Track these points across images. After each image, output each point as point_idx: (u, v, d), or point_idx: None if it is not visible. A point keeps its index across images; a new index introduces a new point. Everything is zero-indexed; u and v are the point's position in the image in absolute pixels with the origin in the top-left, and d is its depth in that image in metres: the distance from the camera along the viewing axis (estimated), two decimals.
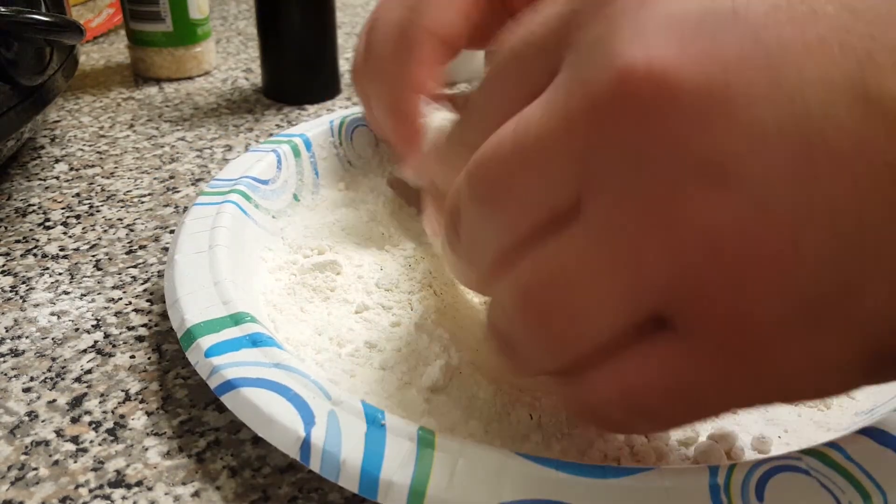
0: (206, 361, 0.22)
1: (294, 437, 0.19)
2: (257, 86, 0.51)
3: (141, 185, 0.38)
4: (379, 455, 0.19)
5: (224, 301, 0.24)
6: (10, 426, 0.23)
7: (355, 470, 0.19)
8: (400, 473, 0.18)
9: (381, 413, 0.20)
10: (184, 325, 0.23)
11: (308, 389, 0.21)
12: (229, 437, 0.23)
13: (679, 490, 0.18)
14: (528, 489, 0.18)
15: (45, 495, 0.21)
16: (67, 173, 0.39)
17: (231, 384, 0.21)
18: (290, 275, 0.29)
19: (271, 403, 0.20)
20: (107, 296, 0.29)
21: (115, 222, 0.35)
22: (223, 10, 0.71)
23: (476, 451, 0.19)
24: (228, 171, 0.32)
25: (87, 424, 0.23)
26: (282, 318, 0.26)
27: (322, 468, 0.19)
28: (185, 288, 0.25)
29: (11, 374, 0.25)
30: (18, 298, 0.29)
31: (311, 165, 0.35)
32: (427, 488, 0.18)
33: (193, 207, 0.29)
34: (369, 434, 0.19)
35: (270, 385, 0.21)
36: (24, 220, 0.35)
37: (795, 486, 0.18)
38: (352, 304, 0.27)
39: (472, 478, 0.18)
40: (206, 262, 0.26)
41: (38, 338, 0.27)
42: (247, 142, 0.43)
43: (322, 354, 0.25)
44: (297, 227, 0.32)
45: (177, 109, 0.47)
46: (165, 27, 0.50)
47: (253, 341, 0.23)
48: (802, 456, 0.18)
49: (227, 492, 0.21)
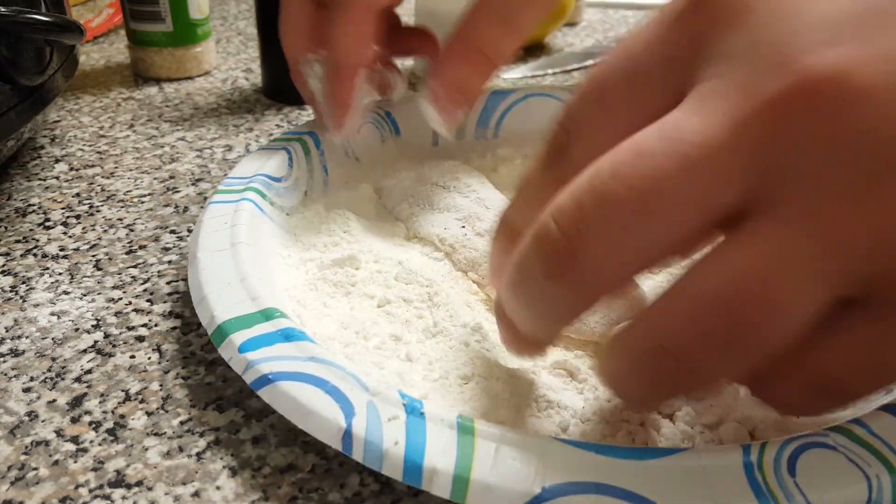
0: (240, 357, 0.22)
1: (336, 429, 0.20)
2: (257, 86, 0.51)
3: (141, 185, 0.38)
4: (421, 443, 0.19)
5: (252, 297, 0.24)
6: (10, 426, 0.23)
7: (398, 458, 0.19)
8: (443, 460, 0.19)
9: (419, 402, 0.20)
10: (214, 322, 0.24)
11: (345, 381, 0.21)
12: (229, 437, 0.23)
13: (716, 468, 0.18)
14: (570, 472, 0.18)
15: (45, 495, 0.21)
16: (67, 173, 0.39)
17: (268, 378, 0.21)
18: (310, 271, 0.29)
19: (310, 396, 0.21)
20: (107, 296, 0.29)
21: (115, 222, 0.35)
22: (223, 10, 0.71)
23: (516, 437, 0.19)
24: (241, 169, 0.32)
25: (87, 424, 0.23)
26: (307, 314, 0.27)
27: (365, 457, 0.20)
28: (210, 285, 0.25)
29: (11, 374, 0.25)
30: (18, 298, 0.29)
31: (320, 163, 0.35)
32: (471, 474, 0.19)
33: (210, 206, 0.30)
34: (409, 423, 0.20)
35: (308, 378, 0.21)
36: (24, 220, 0.35)
37: (824, 461, 0.19)
38: (373, 299, 0.28)
39: (515, 463, 0.19)
40: (229, 259, 0.26)
41: (38, 338, 0.27)
42: (247, 142, 0.43)
43: (350, 348, 0.25)
44: (311, 224, 0.32)
45: (177, 109, 0.47)
46: (165, 27, 0.50)
47: (285, 336, 0.23)
48: (829, 433, 0.19)
49: (226, 492, 0.21)
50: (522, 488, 0.18)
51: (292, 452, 0.22)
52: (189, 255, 0.27)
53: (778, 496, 0.18)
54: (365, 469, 0.22)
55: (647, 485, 0.18)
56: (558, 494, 0.18)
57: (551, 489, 0.18)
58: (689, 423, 0.22)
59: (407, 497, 0.21)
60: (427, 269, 0.29)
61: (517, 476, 0.19)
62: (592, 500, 0.18)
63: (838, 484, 0.18)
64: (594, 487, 0.18)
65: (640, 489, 0.18)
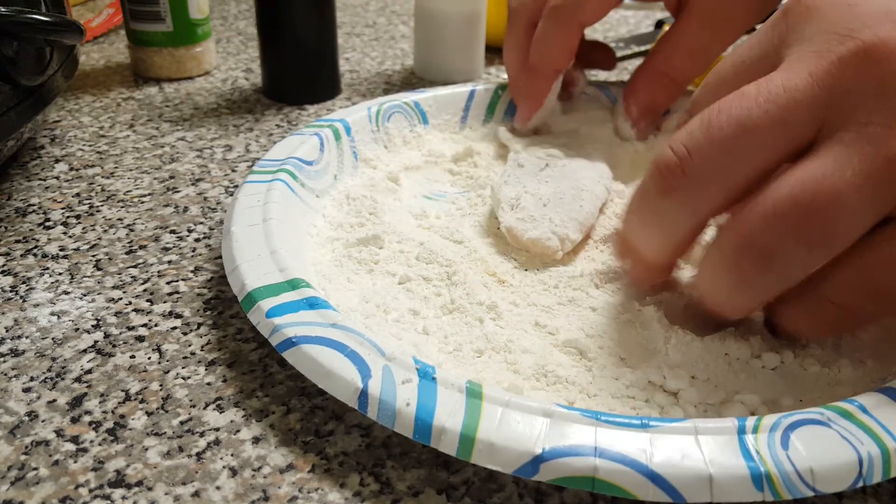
0: (267, 321, 0.24)
1: (353, 388, 0.21)
2: (257, 86, 0.51)
3: (141, 184, 0.38)
4: (431, 404, 0.21)
5: (281, 269, 0.26)
6: (10, 426, 0.23)
7: (410, 417, 0.20)
8: (451, 420, 0.20)
9: (431, 368, 0.22)
10: (244, 290, 0.25)
11: (363, 347, 0.23)
12: (229, 437, 0.23)
13: (709, 438, 0.19)
14: (571, 437, 0.20)
15: (45, 495, 0.21)
16: (67, 173, 0.39)
17: (292, 341, 0.23)
18: (336, 249, 0.31)
19: (330, 358, 0.22)
20: (107, 296, 0.29)
21: (115, 222, 0.35)
22: (223, 9, 0.71)
23: (520, 401, 0.21)
24: (275, 153, 0.34)
25: (87, 424, 0.23)
26: (331, 287, 0.28)
27: (379, 416, 0.21)
28: (243, 256, 0.27)
29: (11, 374, 0.25)
30: (18, 298, 0.29)
31: (350, 149, 0.37)
32: (476, 433, 0.20)
33: (245, 185, 0.31)
34: (422, 386, 0.21)
35: (329, 342, 0.23)
36: (24, 220, 0.35)
37: (818, 436, 0.19)
38: (395, 276, 0.29)
39: (519, 425, 0.20)
40: (260, 233, 0.28)
41: (38, 338, 0.27)
42: (247, 142, 0.43)
43: (370, 319, 0.27)
44: (338, 206, 0.34)
45: (177, 109, 0.47)
46: (165, 27, 0.50)
47: (310, 304, 0.24)
48: (824, 410, 0.20)
49: (226, 492, 0.21)
50: (524, 448, 0.19)
51: (292, 452, 0.22)
52: (224, 228, 0.29)
53: (769, 466, 0.19)
54: (365, 469, 0.22)
55: (644, 450, 0.19)
56: (558, 455, 0.19)
57: (551, 450, 0.19)
58: (690, 402, 0.23)
59: (407, 497, 0.21)
60: (448, 250, 0.31)
61: (520, 437, 0.20)
62: (590, 462, 0.19)
63: (830, 459, 0.19)
64: (593, 451, 0.19)
65: (637, 454, 0.19)
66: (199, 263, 0.32)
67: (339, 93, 0.50)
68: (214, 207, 0.36)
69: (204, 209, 0.36)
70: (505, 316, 0.27)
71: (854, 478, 0.19)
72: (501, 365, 0.25)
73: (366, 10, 0.73)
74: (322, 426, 0.23)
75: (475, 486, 0.21)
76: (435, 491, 0.21)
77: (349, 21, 0.68)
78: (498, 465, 0.19)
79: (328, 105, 0.48)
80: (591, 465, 0.19)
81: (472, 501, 0.21)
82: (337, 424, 0.23)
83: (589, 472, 0.19)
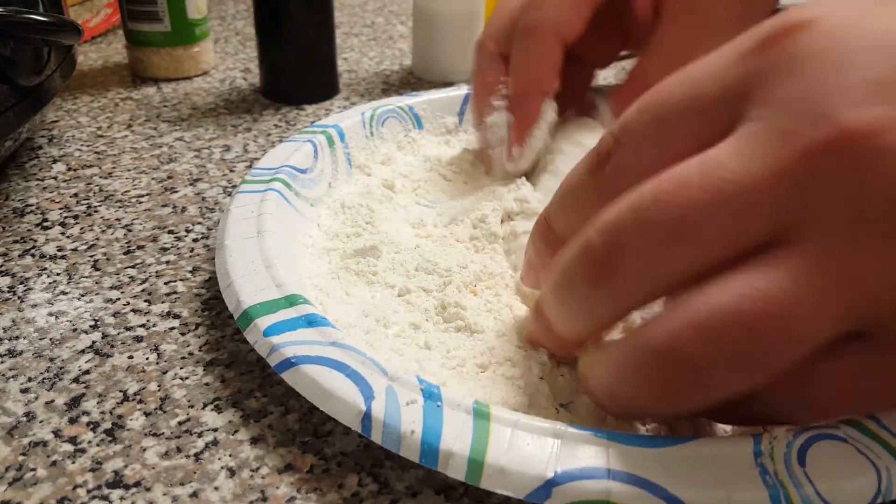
0: (265, 340, 0.23)
1: (355, 411, 0.21)
2: (255, 86, 0.51)
3: (139, 185, 0.38)
4: (438, 426, 0.20)
5: (277, 284, 0.25)
6: (7, 427, 0.23)
7: (416, 441, 0.20)
8: (459, 443, 0.19)
9: (436, 387, 0.21)
10: (240, 307, 0.25)
11: (365, 366, 0.22)
12: (227, 438, 0.23)
13: (725, 457, 0.19)
14: (583, 458, 0.19)
15: (42, 496, 0.21)
16: (65, 173, 0.39)
17: (291, 361, 0.22)
18: (333, 260, 0.30)
19: (331, 379, 0.21)
20: (105, 296, 0.29)
21: (113, 222, 0.34)
22: (221, 9, 0.71)
23: (530, 422, 0.20)
24: (268, 160, 0.34)
25: (85, 425, 0.23)
26: (329, 301, 0.27)
27: (384, 440, 0.20)
28: (237, 271, 0.26)
29: (9, 375, 0.25)
30: (16, 299, 0.29)
31: (344, 155, 0.37)
32: (485, 457, 0.19)
33: (238, 195, 0.31)
34: (427, 407, 0.21)
35: (329, 362, 0.22)
36: (22, 220, 0.35)
37: (834, 452, 0.19)
38: (394, 288, 0.29)
39: (529, 447, 0.19)
40: (255, 246, 0.27)
41: (36, 338, 0.27)
42: (245, 142, 0.43)
43: (370, 335, 0.26)
44: (333, 215, 0.33)
45: (175, 109, 0.47)
46: (163, 27, 0.50)
47: (308, 321, 0.24)
48: (840, 425, 0.19)
49: (225, 492, 0.21)
50: (536, 472, 0.19)
51: (290, 453, 0.22)
52: (217, 242, 0.28)
53: (787, 485, 0.18)
54: (363, 469, 0.22)
55: (658, 471, 0.19)
56: (570, 479, 0.19)
57: (564, 474, 0.19)
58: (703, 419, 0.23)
59: (405, 497, 0.21)
60: (446, 260, 0.30)
61: (531, 460, 0.19)
62: (604, 485, 0.18)
63: (848, 475, 0.18)
64: (606, 473, 0.19)
65: (652, 475, 0.18)
66: (197, 264, 0.32)
67: (338, 93, 0.50)
68: (212, 207, 0.36)
69: (202, 209, 0.36)
70: (508, 328, 0.26)
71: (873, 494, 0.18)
72: (507, 380, 0.24)
73: (364, 9, 0.73)
74: (320, 426, 0.23)
75: (473, 487, 0.21)
76: (433, 491, 0.21)
77: (347, 21, 0.68)
78: (509, 491, 0.19)
79: (326, 105, 0.48)
80: (605, 488, 0.18)
81: (470, 502, 0.21)
82: (335, 425, 0.23)
83: (602, 496, 0.18)
